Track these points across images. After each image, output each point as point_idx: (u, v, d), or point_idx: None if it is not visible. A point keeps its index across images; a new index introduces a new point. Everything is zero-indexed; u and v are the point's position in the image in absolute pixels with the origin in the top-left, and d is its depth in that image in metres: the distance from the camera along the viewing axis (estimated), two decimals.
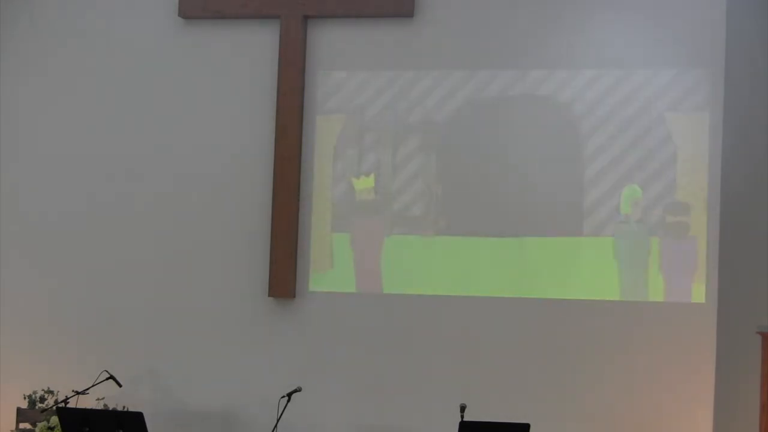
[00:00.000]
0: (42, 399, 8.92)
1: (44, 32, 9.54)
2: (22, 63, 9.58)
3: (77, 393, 8.36)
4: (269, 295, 8.95)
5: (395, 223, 8.87)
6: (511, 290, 8.61)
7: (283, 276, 8.91)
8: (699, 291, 8.30)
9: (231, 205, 9.14)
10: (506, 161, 8.70)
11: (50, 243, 9.41)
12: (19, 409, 8.97)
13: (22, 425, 8.91)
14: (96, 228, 9.33)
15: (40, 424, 8.54)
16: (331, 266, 8.97)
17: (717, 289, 8.12)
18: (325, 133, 9.05)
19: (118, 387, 8.59)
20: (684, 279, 8.35)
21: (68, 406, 8.27)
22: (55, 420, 8.40)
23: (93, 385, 8.48)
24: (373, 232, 8.92)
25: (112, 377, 8.52)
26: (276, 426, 8.03)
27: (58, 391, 8.94)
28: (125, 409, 8.61)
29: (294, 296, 8.96)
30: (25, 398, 8.98)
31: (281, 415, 8.09)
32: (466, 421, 7.46)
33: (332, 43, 9.07)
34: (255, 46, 9.17)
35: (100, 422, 7.57)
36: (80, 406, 8.35)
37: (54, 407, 8.58)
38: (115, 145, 9.35)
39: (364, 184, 8.95)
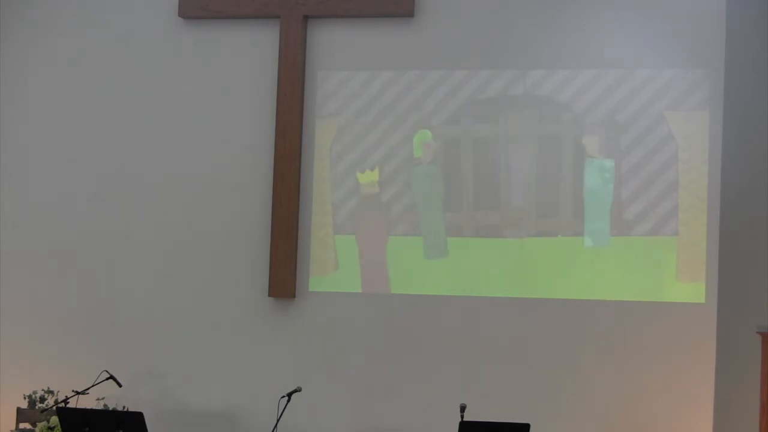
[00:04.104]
0: (42, 399, 8.92)
1: (44, 32, 9.54)
2: (22, 63, 9.58)
3: (77, 393, 8.36)
4: (269, 295, 8.95)
5: (396, 223, 8.87)
6: (512, 290, 8.61)
7: (283, 276, 8.91)
8: (699, 291, 8.30)
9: (231, 205, 9.14)
10: (506, 161, 8.69)
11: (50, 242, 9.41)
12: (19, 409, 8.97)
13: (22, 425, 8.91)
14: (96, 227, 9.33)
15: (40, 424, 8.54)
16: (333, 267, 8.97)
17: (717, 289, 8.10)
18: (325, 133, 9.05)
19: (118, 387, 8.60)
20: (684, 279, 8.35)
21: (68, 406, 8.28)
22: (55, 420, 8.40)
23: (93, 385, 8.48)
24: (374, 233, 8.91)
25: (112, 377, 8.53)
26: (276, 426, 8.03)
27: (58, 391, 8.94)
28: (125, 409, 8.61)
29: (294, 296, 8.96)
30: (25, 398, 8.98)
31: (281, 415, 8.09)
32: (466, 421, 7.45)
33: (332, 43, 9.06)
34: (255, 46, 9.17)
35: (100, 422, 7.57)
36: (80, 406, 8.35)
37: (54, 407, 8.59)
38: (116, 145, 9.35)
39: (366, 185, 8.94)
